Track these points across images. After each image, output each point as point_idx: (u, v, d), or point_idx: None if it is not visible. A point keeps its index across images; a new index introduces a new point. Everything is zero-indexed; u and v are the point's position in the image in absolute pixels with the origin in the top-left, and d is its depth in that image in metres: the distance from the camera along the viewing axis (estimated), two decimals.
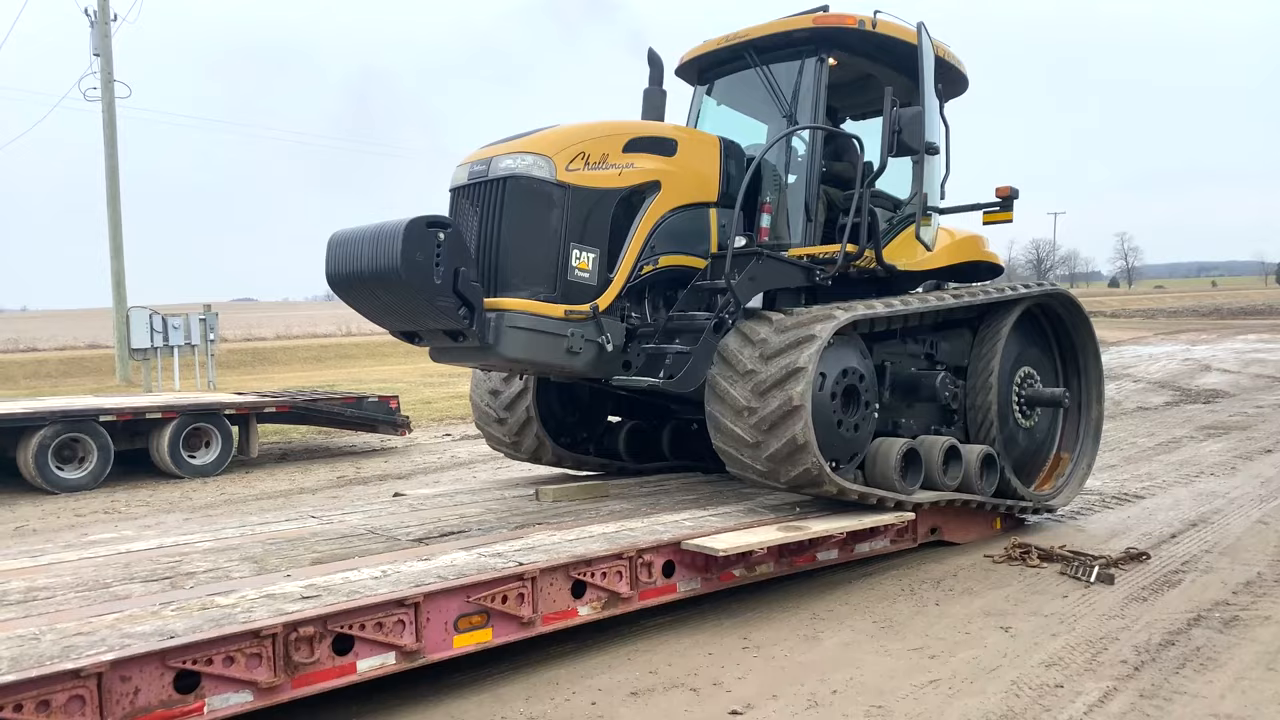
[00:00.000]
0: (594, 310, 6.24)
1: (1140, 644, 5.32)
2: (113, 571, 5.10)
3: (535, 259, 6.07)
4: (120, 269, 24.38)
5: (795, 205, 7.23)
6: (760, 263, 6.65)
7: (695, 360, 6.33)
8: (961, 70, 8.08)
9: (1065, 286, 8.57)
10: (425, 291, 5.47)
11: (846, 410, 6.54)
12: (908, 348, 7.54)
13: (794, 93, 7.36)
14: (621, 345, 6.50)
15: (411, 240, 5.36)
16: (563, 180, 6.10)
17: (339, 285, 5.88)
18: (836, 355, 6.47)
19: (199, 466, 11.95)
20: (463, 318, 5.67)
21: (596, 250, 6.28)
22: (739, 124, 7.95)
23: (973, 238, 8.42)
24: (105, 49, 24.20)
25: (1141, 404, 16.97)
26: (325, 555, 5.41)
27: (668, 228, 6.69)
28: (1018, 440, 8.04)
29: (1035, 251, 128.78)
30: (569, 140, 6.22)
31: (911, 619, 5.85)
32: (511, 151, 6.15)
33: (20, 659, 3.65)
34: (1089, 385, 8.66)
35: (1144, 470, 10.70)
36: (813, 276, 6.92)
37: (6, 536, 8.80)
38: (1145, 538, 7.63)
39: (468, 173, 6.30)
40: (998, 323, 7.84)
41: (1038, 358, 8.38)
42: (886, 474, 6.58)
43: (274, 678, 4.07)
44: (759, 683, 4.91)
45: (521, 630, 4.96)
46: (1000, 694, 4.69)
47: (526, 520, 6.34)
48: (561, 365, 6.27)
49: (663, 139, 6.76)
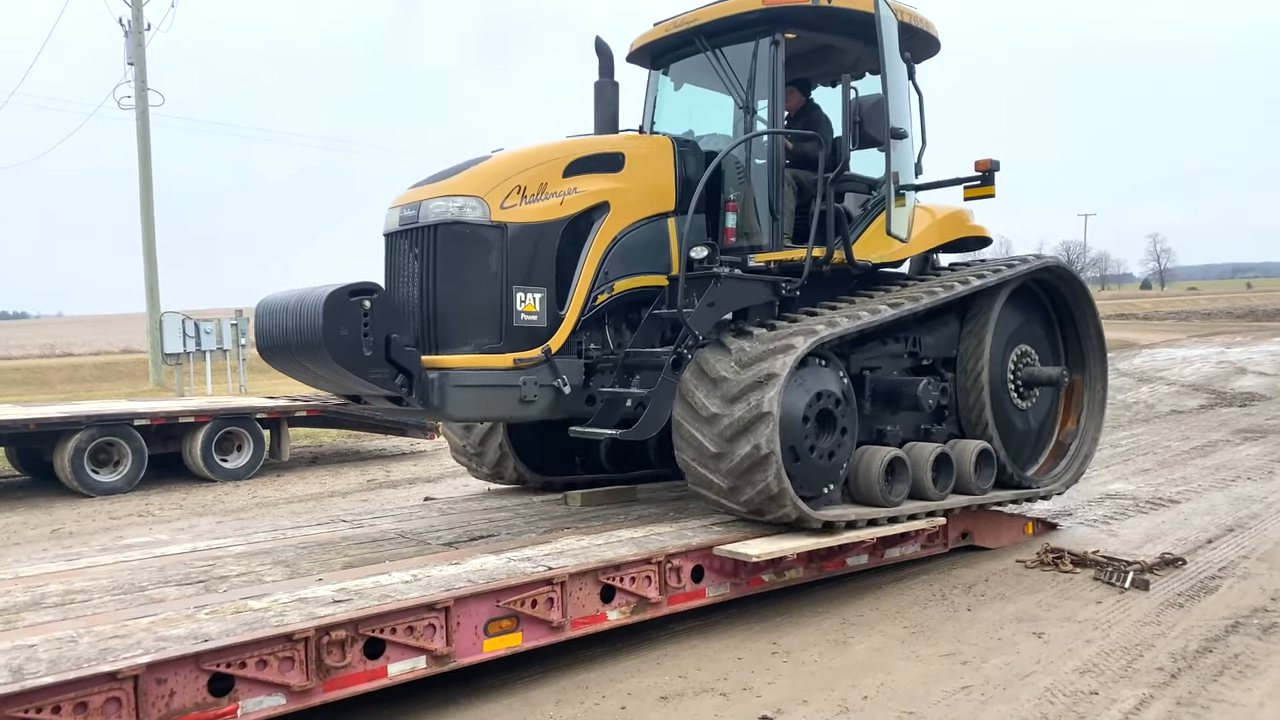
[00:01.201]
0: (546, 353, 5.90)
1: (1177, 651, 5.25)
2: (148, 575, 5.16)
3: (476, 309, 5.74)
4: (153, 275, 24.71)
5: (761, 201, 6.78)
6: (719, 285, 6.11)
7: (654, 405, 5.92)
8: (930, 32, 7.46)
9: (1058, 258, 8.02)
10: (355, 366, 5.20)
11: (821, 436, 6.02)
12: (888, 348, 7.03)
13: (749, 77, 6.88)
14: (582, 382, 6.15)
15: (334, 315, 5.06)
16: (498, 220, 5.74)
17: (267, 355, 5.64)
18: (807, 379, 5.97)
19: (231, 470, 12.08)
20: (400, 385, 5.41)
21: (543, 289, 5.93)
22: (703, 102, 7.48)
23: (956, 213, 7.87)
24: (139, 58, 24.54)
25: (1175, 407, 16.75)
26: (356, 559, 5.45)
27: (621, 249, 6.29)
28: (1014, 424, 7.65)
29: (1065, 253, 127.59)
30: (502, 174, 5.85)
31: (943, 624, 5.81)
32: (441, 194, 5.79)
33: (58, 661, 3.70)
34: (1091, 361, 8.22)
35: (1179, 474, 10.56)
36: (780, 289, 6.46)
37: (44, 539, 8.93)
38: (1181, 543, 7.52)
39: (399, 217, 5.96)
40: (985, 308, 7.38)
41: (1035, 334, 7.94)
42: (870, 488, 6.21)
43: (306, 681, 4.10)
44: (789, 688, 4.89)
45: (551, 634, 4.97)
46: (1034, 701, 4.64)
47: (555, 525, 6.35)
48: (517, 415, 6.00)
49: (607, 155, 6.35)
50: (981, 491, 6.99)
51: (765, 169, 6.78)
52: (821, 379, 6.07)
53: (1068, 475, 7.93)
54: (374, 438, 15.25)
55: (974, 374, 7.23)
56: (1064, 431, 8.18)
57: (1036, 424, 7.98)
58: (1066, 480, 7.90)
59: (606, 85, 7.14)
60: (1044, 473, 7.93)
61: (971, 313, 7.43)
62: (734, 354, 5.82)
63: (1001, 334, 7.46)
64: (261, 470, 12.44)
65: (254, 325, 5.61)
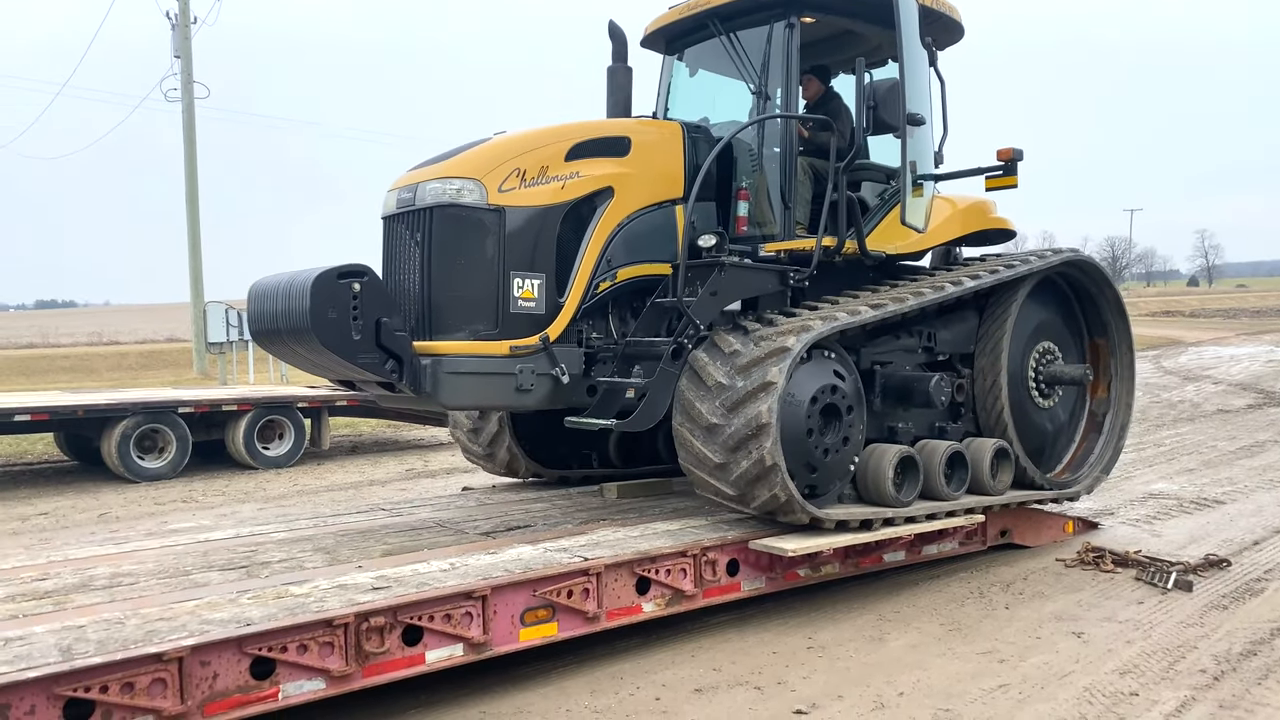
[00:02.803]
0: (544, 341, 5.76)
1: (1220, 653, 5.17)
2: (192, 559, 5.26)
3: (472, 294, 5.62)
4: (198, 265, 25.09)
5: (773, 189, 6.59)
6: (723, 274, 5.91)
7: (652, 394, 5.75)
8: (954, 18, 7.23)
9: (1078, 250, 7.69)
10: (343, 350, 5.11)
11: (827, 434, 5.82)
12: (901, 342, 6.77)
13: (763, 62, 6.66)
14: (581, 372, 6.01)
15: (321, 297, 4.97)
16: (496, 204, 5.62)
17: (260, 339, 5.57)
18: (809, 376, 5.75)
19: (273, 458, 12.27)
20: (390, 371, 5.30)
21: (542, 275, 5.80)
22: (720, 89, 7.27)
23: (978, 204, 7.63)
24: (185, 51, 24.90)
25: (1222, 406, 16.45)
26: (395, 547, 5.51)
27: (626, 236, 6.15)
28: (1035, 424, 7.38)
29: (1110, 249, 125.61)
30: (501, 156, 5.73)
31: (980, 622, 5.76)
32: (438, 176, 5.67)
33: (106, 642, 3.79)
34: (1118, 358, 7.87)
35: (1224, 475, 10.38)
36: (787, 279, 6.26)
37: (91, 523, 9.13)
38: (1226, 544, 7.39)
39: (396, 199, 5.85)
40: (1005, 303, 7.10)
41: (1058, 330, 7.65)
42: (880, 487, 6.01)
43: (345, 666, 4.16)
44: (824, 683, 4.88)
45: (586, 625, 5.00)
46: (1072, 701, 4.60)
47: (591, 516, 6.38)
48: (513, 404, 5.88)
49: (613, 139, 6.20)
50: (998, 492, 6.74)
51: (778, 156, 6.59)
52: (826, 374, 5.87)
53: (1090, 478, 7.65)
54: (413, 428, 15.40)
55: (991, 371, 7.00)
56: (1088, 432, 7.90)
57: (1059, 424, 7.72)
58: (1088, 483, 7.62)
59: (619, 70, 7.00)
60: (1066, 474, 7.67)
61: (990, 308, 7.20)
62: (729, 357, 5.63)
63: (1022, 331, 7.22)
64: (302, 458, 12.62)
65: (248, 309, 5.51)
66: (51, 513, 9.72)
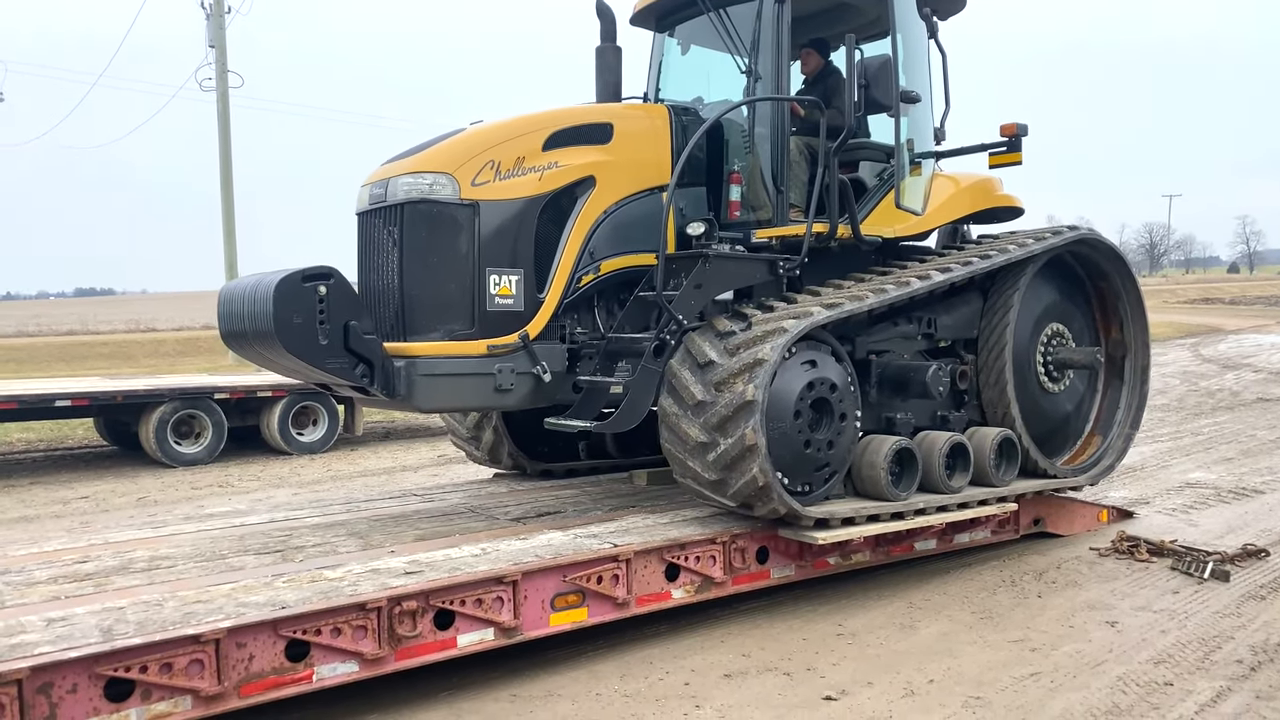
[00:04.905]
0: (524, 339, 5.56)
1: (1257, 644, 5.10)
2: (228, 543, 5.34)
3: (446, 293, 5.43)
4: (233, 253, 25.36)
5: (766, 172, 6.28)
6: (707, 266, 5.69)
7: (633, 394, 5.54)
8: None
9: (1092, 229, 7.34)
10: (310, 356, 4.98)
11: (816, 426, 5.56)
12: (900, 329, 6.48)
13: (754, 38, 6.35)
14: (565, 369, 5.81)
15: (285, 302, 4.84)
16: (469, 198, 5.42)
17: (231, 343, 5.46)
18: (801, 365, 5.52)
19: (307, 444, 12.41)
20: (361, 376, 5.15)
21: (520, 271, 5.59)
22: (714, 66, 6.95)
23: (983, 182, 7.29)
24: (220, 41, 25.10)
25: (1262, 395, 16.17)
26: (427, 532, 5.56)
27: (609, 226, 5.91)
28: (1043, 410, 7.07)
29: (1149, 236, 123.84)
30: (474, 149, 5.53)
31: (1012, 610, 5.73)
32: (409, 171, 5.48)
33: (145, 623, 3.86)
34: (1132, 343, 7.53)
35: (1264, 464, 10.21)
36: (777, 269, 6.02)
37: (130, 507, 9.28)
38: (1264, 534, 7.28)
39: (369, 195, 5.68)
40: (1010, 285, 6.76)
41: (1069, 312, 7.32)
42: (874, 480, 5.79)
43: (378, 649, 4.21)
44: (853, 669, 4.87)
45: (616, 611, 5.02)
46: (1105, 690, 4.56)
47: (621, 503, 6.40)
48: (492, 405, 5.73)
49: (593, 125, 5.95)
50: (1002, 483, 6.48)
51: (769, 137, 6.29)
52: (819, 364, 5.62)
53: (1100, 466, 7.37)
54: (444, 415, 15.47)
55: (996, 356, 6.68)
56: (1100, 419, 7.58)
57: (1069, 409, 7.39)
58: (1098, 472, 7.34)
59: (608, 50, 6.65)
60: (1079, 460, 7.37)
61: (995, 291, 6.87)
62: (724, 338, 5.46)
63: (1029, 313, 6.93)
64: (336, 444, 12.74)
65: (217, 312, 5.40)
66: (91, 497, 9.90)
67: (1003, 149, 7.07)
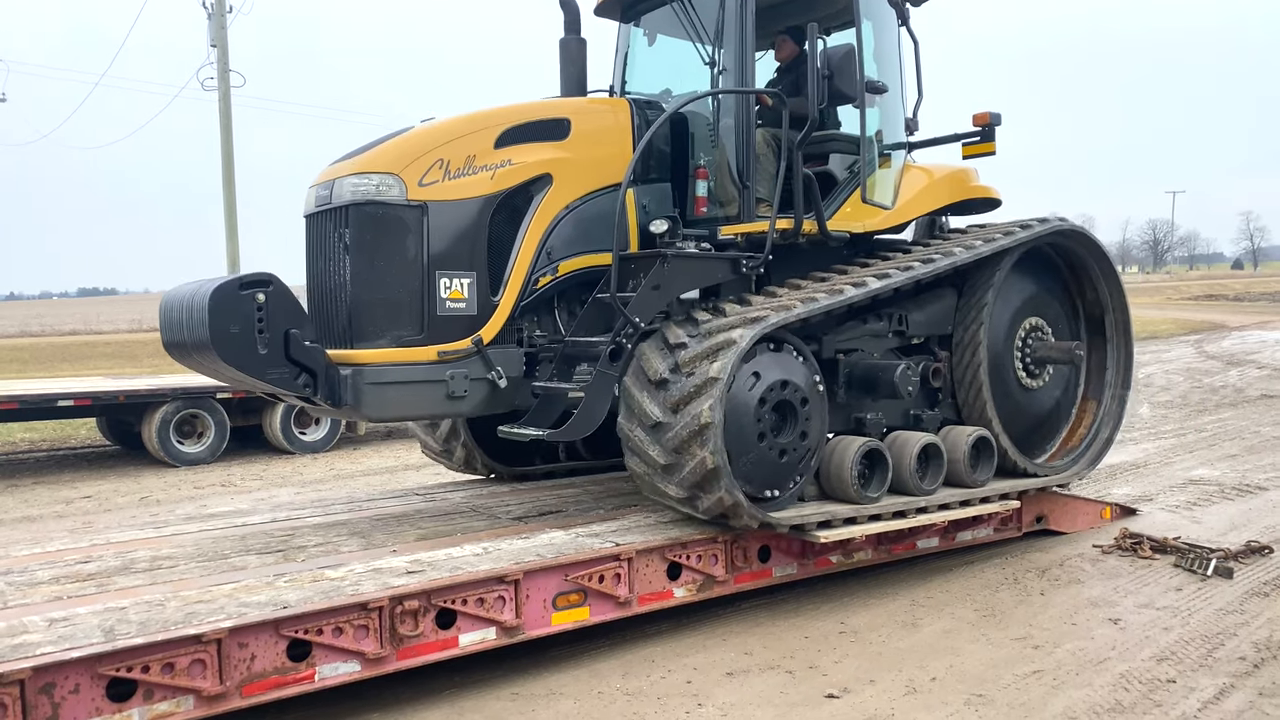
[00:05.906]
0: (477, 344, 5.36)
1: (1261, 641, 5.10)
2: (230, 543, 5.34)
3: (394, 298, 5.23)
4: (235, 252, 25.35)
5: (731, 166, 6.11)
6: (665, 266, 5.47)
7: (589, 399, 5.38)
8: None
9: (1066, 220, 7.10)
10: (249, 367, 4.83)
11: (780, 432, 5.44)
12: (869, 327, 6.28)
13: (717, 28, 6.17)
14: (523, 374, 5.62)
15: (221, 311, 4.69)
16: (417, 199, 5.21)
17: (173, 353, 5.30)
18: (759, 371, 5.36)
19: (309, 443, 12.42)
20: (304, 386, 5.01)
21: (473, 274, 5.38)
22: (682, 57, 6.72)
23: (957, 173, 7.10)
24: (221, 40, 25.10)
25: (1266, 391, 16.14)
26: (429, 532, 5.56)
27: (568, 225, 5.73)
28: (1021, 406, 6.92)
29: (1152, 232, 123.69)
30: (422, 148, 5.32)
31: (1014, 608, 5.72)
32: (354, 171, 5.27)
33: (148, 623, 3.86)
34: (1113, 331, 7.40)
35: (1267, 461, 10.19)
36: (739, 267, 5.82)
37: (132, 506, 9.29)
38: (1268, 531, 7.27)
39: (315, 197, 5.48)
40: (985, 279, 6.58)
41: (1049, 305, 7.16)
42: (842, 483, 5.68)
43: (380, 649, 4.22)
44: (856, 667, 4.87)
45: (618, 610, 5.02)
46: (1108, 687, 4.55)
47: (623, 502, 6.40)
48: (446, 413, 5.57)
49: (549, 121, 5.76)
50: (978, 484, 6.33)
51: (733, 130, 6.10)
52: (779, 368, 5.46)
53: (1082, 462, 7.23)
54: None
55: (971, 353, 6.52)
56: (1082, 413, 7.45)
57: (1049, 405, 7.25)
58: (1079, 468, 7.20)
59: (572, 42, 6.39)
60: (1058, 458, 7.23)
61: (970, 285, 6.69)
62: (675, 350, 5.28)
63: (1005, 307, 6.80)
64: (338, 444, 12.76)
65: (159, 320, 5.26)
66: (94, 496, 9.91)
67: (975, 139, 6.93)
